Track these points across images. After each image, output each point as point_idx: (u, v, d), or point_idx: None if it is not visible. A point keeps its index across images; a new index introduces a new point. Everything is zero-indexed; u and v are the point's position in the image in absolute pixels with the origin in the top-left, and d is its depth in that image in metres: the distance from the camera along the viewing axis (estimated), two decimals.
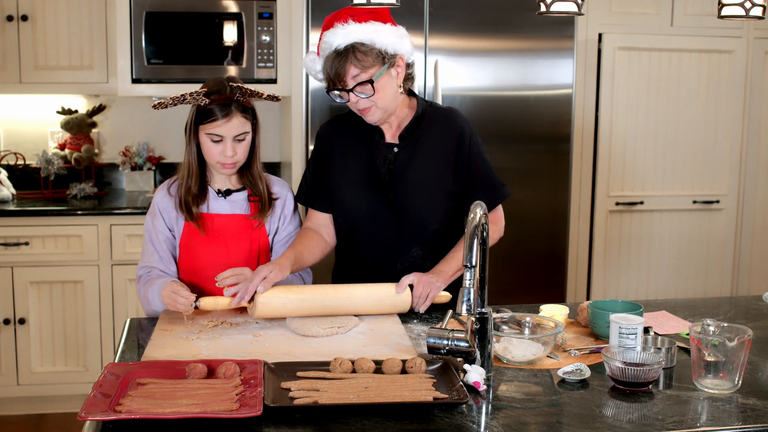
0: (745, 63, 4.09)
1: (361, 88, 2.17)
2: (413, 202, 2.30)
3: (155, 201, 2.32)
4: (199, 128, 2.21)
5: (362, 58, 2.15)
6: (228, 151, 2.20)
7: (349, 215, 2.35)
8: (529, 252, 3.82)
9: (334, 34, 2.16)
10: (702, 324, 1.77)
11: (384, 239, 2.33)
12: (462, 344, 1.78)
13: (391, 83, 2.21)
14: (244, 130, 2.22)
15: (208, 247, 2.28)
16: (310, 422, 1.52)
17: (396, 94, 2.24)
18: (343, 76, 2.16)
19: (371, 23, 2.17)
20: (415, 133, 2.31)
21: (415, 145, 2.31)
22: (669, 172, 4.10)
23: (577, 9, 2.09)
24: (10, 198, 3.82)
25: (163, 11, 3.65)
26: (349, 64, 2.15)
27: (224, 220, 2.29)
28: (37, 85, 3.83)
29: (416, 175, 2.30)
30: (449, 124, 2.34)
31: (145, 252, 2.33)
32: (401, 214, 2.30)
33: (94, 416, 1.48)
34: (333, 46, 2.17)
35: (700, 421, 1.57)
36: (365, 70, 2.16)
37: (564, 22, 3.69)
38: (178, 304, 2.10)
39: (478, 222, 1.72)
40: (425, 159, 2.31)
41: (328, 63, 2.18)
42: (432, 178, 2.31)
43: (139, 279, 2.31)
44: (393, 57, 2.20)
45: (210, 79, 2.26)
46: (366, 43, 2.15)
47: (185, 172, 2.28)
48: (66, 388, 3.70)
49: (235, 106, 2.19)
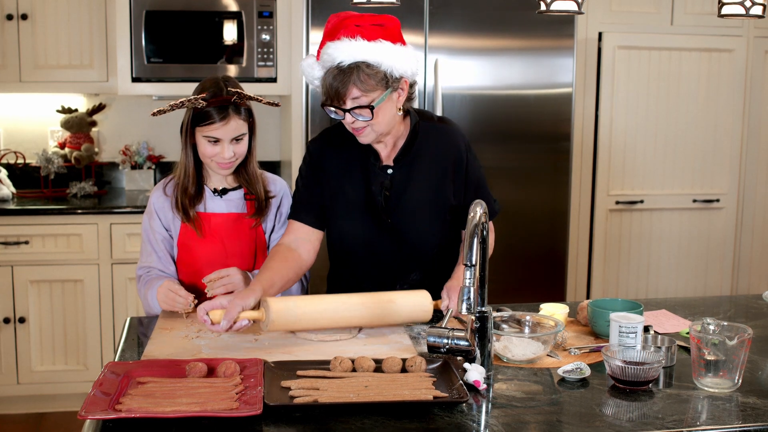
0: (745, 62, 4.09)
1: (360, 111, 2.05)
2: (411, 227, 2.22)
3: (151, 201, 2.32)
4: (196, 130, 2.20)
5: (366, 80, 2.02)
6: (226, 153, 2.20)
7: (345, 241, 2.27)
8: (530, 251, 3.82)
9: (338, 49, 2.03)
10: (702, 323, 1.76)
11: (382, 265, 2.25)
12: (462, 343, 1.78)
13: (391, 107, 2.10)
14: (242, 132, 2.22)
15: (206, 246, 2.28)
16: (310, 421, 1.52)
17: (394, 117, 2.13)
18: (343, 96, 2.04)
19: (380, 42, 2.04)
20: (410, 154, 2.21)
21: (411, 167, 2.21)
22: (669, 170, 4.10)
23: (577, 8, 2.09)
24: (10, 197, 3.82)
25: (163, 10, 3.64)
26: (351, 85, 2.03)
27: (221, 219, 2.29)
28: (37, 84, 3.83)
29: (413, 200, 2.21)
30: (445, 141, 2.24)
31: (143, 252, 2.33)
32: (399, 240, 2.23)
33: (95, 415, 1.48)
34: (336, 61, 2.03)
35: (700, 420, 1.57)
36: (367, 93, 2.04)
37: (564, 21, 3.69)
38: (177, 304, 2.10)
39: (478, 221, 1.72)
40: (421, 182, 2.21)
41: (329, 78, 2.05)
42: (429, 201, 2.22)
43: (139, 279, 2.31)
44: (398, 81, 2.08)
45: (206, 79, 2.24)
46: (372, 65, 2.03)
47: (182, 174, 2.28)
48: (66, 386, 3.70)
49: (233, 108, 2.18)
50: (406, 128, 2.22)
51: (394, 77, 2.07)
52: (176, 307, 2.10)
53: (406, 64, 2.08)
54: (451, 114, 3.64)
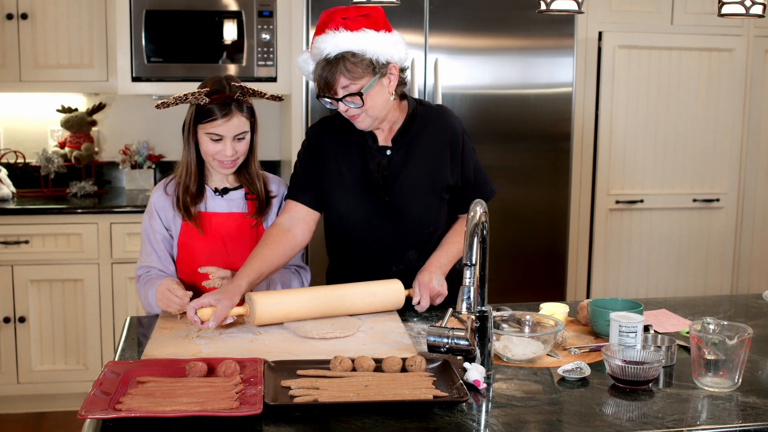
0: (745, 61, 4.09)
1: (351, 99, 2.13)
2: (409, 205, 2.28)
3: (152, 201, 2.32)
4: (198, 127, 2.21)
5: (352, 68, 2.10)
6: (228, 151, 2.20)
7: (344, 220, 2.32)
8: (530, 250, 3.82)
9: (324, 41, 2.11)
10: (702, 322, 1.77)
11: (380, 243, 2.31)
12: (462, 342, 1.79)
13: (383, 92, 2.16)
14: (244, 130, 2.22)
15: (206, 245, 2.28)
16: (310, 420, 1.52)
17: (387, 102, 2.19)
18: (333, 85, 2.12)
19: (363, 31, 2.11)
20: (408, 135, 2.27)
21: (409, 147, 2.27)
22: (669, 170, 4.10)
23: (577, 7, 2.09)
24: (10, 196, 3.82)
25: (163, 9, 3.64)
26: (339, 75, 2.10)
27: (222, 218, 2.29)
28: (37, 83, 3.83)
29: (410, 178, 2.27)
30: (442, 122, 2.31)
31: (143, 252, 2.33)
32: (397, 218, 2.28)
33: (95, 414, 1.48)
34: (323, 54, 2.11)
35: (700, 420, 1.57)
36: (355, 81, 2.11)
37: (564, 20, 3.69)
38: (172, 303, 2.08)
39: (478, 220, 1.72)
40: (419, 161, 2.28)
41: (318, 70, 2.14)
42: (427, 179, 2.28)
43: (139, 279, 2.31)
44: (385, 66, 2.14)
45: (209, 77, 2.25)
46: (357, 53, 2.10)
47: (183, 172, 2.28)
48: (66, 386, 3.70)
49: (235, 105, 2.19)
50: (403, 113, 2.29)
51: (381, 63, 2.14)
52: (171, 308, 2.09)
53: (392, 50, 2.15)
54: None
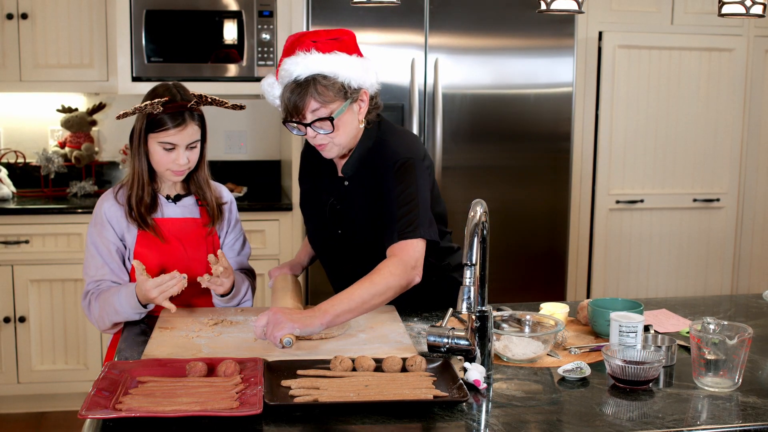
0: (745, 61, 4.09)
1: (320, 124, 2.04)
2: (358, 240, 2.22)
3: (102, 211, 2.23)
4: (150, 137, 2.18)
5: (323, 91, 2.01)
6: (181, 159, 2.18)
7: (310, 240, 2.42)
8: (530, 250, 3.82)
9: (294, 63, 2.02)
10: (702, 322, 1.77)
11: (337, 266, 2.33)
12: (462, 342, 1.79)
13: (352, 119, 2.09)
14: (196, 138, 2.21)
15: (166, 251, 2.24)
16: (310, 420, 1.52)
17: (356, 130, 2.12)
18: (302, 109, 2.03)
19: (335, 54, 2.03)
20: (363, 168, 2.17)
21: (362, 180, 2.17)
22: (669, 170, 4.10)
23: (577, 7, 2.09)
24: (10, 196, 3.82)
25: (163, 9, 3.64)
26: (309, 98, 2.01)
27: (179, 223, 2.28)
28: (37, 83, 3.83)
29: (360, 214, 2.19)
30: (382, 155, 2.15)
31: (91, 266, 2.22)
32: (349, 249, 2.25)
33: (95, 414, 1.48)
34: (293, 76, 2.02)
35: (700, 420, 1.57)
36: (326, 105, 2.03)
37: (564, 20, 3.69)
38: (173, 288, 2.05)
39: (478, 220, 1.72)
40: (369, 195, 2.16)
41: (287, 93, 2.04)
42: (375, 214, 2.15)
43: (86, 295, 2.21)
44: (356, 92, 2.07)
45: (158, 85, 2.22)
46: (328, 76, 2.02)
47: (135, 182, 2.22)
48: (66, 386, 3.70)
49: (188, 114, 2.17)
50: (360, 141, 2.17)
51: (353, 88, 2.06)
52: (174, 290, 2.05)
53: (364, 75, 2.08)
54: (451, 113, 3.65)
